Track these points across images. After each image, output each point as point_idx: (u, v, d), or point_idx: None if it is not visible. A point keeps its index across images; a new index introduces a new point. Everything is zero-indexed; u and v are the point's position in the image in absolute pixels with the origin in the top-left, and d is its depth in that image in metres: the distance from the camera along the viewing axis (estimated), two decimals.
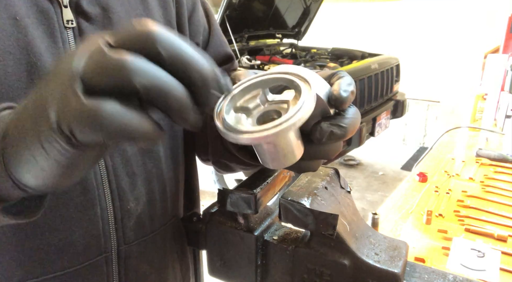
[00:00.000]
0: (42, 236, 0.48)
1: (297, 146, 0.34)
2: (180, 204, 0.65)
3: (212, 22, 0.73)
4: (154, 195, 0.57)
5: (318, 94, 0.34)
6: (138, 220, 0.55)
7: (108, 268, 0.53)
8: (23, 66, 0.46)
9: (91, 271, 0.52)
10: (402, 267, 0.38)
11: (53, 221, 0.48)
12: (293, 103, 0.32)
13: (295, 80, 0.33)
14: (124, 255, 0.54)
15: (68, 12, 0.49)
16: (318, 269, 0.40)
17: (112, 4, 0.53)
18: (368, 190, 3.59)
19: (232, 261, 0.45)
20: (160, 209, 0.58)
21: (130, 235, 0.54)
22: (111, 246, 0.53)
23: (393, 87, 3.55)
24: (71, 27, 0.49)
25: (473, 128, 1.81)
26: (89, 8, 0.51)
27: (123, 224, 0.53)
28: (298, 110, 0.30)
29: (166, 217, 0.59)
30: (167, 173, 0.59)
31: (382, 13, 4.73)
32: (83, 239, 0.50)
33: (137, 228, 0.55)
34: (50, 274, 0.49)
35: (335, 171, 0.45)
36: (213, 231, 0.46)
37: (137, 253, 0.55)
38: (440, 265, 0.83)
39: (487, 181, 1.26)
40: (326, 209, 0.38)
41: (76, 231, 0.49)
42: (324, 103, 0.35)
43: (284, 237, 0.44)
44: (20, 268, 0.48)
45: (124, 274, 0.55)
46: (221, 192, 0.43)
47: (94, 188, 0.50)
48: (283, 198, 0.39)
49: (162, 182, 0.58)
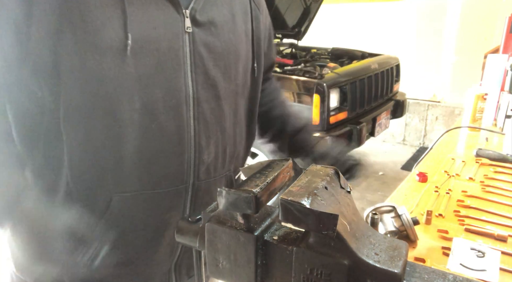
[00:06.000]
0: (157, 164, 0.70)
1: None
2: (235, 164, 0.87)
3: (271, 34, 0.96)
4: (218, 153, 0.78)
5: None
6: (207, 167, 0.76)
7: (185, 195, 0.75)
8: (155, 59, 0.65)
9: (176, 194, 0.74)
10: (402, 267, 0.38)
11: (160, 158, 0.70)
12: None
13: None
14: (196, 188, 0.76)
15: (188, 21, 0.69)
16: (318, 269, 0.40)
17: (215, 16, 0.73)
18: (368, 190, 3.59)
19: (232, 261, 0.45)
20: (221, 164, 0.81)
21: (201, 176, 0.76)
22: (189, 180, 0.75)
23: (393, 87, 3.55)
24: (187, 32, 0.69)
25: (473, 128, 1.81)
26: (201, 18, 0.71)
27: (199, 168, 0.75)
28: None
29: (224, 170, 0.82)
30: (229, 140, 0.81)
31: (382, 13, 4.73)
32: (175, 172, 0.72)
33: (206, 172, 0.77)
34: (152, 190, 0.71)
35: (335, 171, 0.45)
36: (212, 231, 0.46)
37: (203, 188, 0.77)
38: (440, 265, 0.83)
39: (487, 181, 1.26)
40: (326, 209, 0.38)
41: (171, 166, 0.71)
42: None
43: (284, 237, 0.44)
44: (135, 182, 0.69)
45: (194, 201, 0.77)
46: (221, 192, 0.43)
47: (185, 141, 0.71)
48: (283, 198, 0.39)
49: (225, 146, 0.80)
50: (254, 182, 0.44)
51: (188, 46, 0.69)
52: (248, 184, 0.44)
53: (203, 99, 0.72)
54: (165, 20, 0.66)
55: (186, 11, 0.68)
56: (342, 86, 2.84)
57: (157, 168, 0.70)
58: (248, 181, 0.45)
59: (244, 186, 0.43)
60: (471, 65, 4.12)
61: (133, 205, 0.71)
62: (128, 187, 0.69)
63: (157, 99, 0.67)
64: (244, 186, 0.43)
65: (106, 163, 0.67)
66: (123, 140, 0.66)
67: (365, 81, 3.02)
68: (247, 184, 0.44)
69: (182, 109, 0.70)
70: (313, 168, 0.46)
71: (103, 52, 0.61)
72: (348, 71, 2.99)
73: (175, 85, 0.69)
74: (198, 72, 0.71)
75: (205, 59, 0.72)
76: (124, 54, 0.62)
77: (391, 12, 4.68)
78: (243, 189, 0.42)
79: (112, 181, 0.68)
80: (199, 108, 0.72)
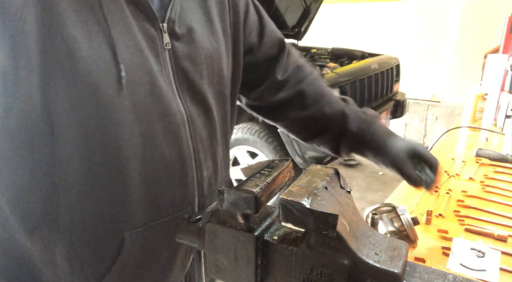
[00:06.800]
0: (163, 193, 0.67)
1: None
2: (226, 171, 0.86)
3: (262, 15, 0.87)
4: (216, 164, 0.77)
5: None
6: (209, 181, 0.75)
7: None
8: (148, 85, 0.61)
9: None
10: (402, 267, 0.38)
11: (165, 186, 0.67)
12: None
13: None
14: (202, 204, 0.74)
15: (166, 36, 0.63)
16: (318, 269, 0.40)
17: (192, 24, 0.68)
18: (368, 190, 3.59)
19: (232, 261, 0.45)
20: (220, 172, 0.80)
21: (205, 192, 0.74)
22: (195, 200, 0.73)
23: (393, 87, 3.55)
24: (167, 49, 0.64)
25: (473, 128, 1.81)
26: (179, 30, 0.65)
27: (202, 185, 0.73)
28: None
29: (222, 177, 0.82)
30: (221, 152, 0.79)
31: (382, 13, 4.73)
32: (180, 196, 0.70)
33: (208, 187, 0.75)
34: (161, 219, 0.68)
35: (335, 171, 0.45)
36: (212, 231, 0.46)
37: (208, 203, 0.73)
38: (440, 265, 0.83)
39: (487, 181, 1.26)
40: (326, 209, 0.38)
41: (177, 192, 0.69)
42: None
43: (284, 237, 0.44)
44: (145, 215, 0.66)
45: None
46: (221, 192, 0.43)
47: (186, 163, 0.69)
48: (283, 198, 0.39)
49: (218, 154, 0.78)
50: (254, 182, 0.44)
51: (169, 63, 0.64)
52: (248, 184, 0.44)
53: (195, 116, 0.69)
54: (147, 39, 0.61)
55: (163, 25, 0.62)
56: (342, 86, 2.84)
57: (164, 196, 0.67)
58: (248, 181, 0.45)
59: (244, 186, 0.43)
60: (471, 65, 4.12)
61: (145, 239, 0.68)
62: (138, 222, 0.66)
63: (156, 129, 0.63)
64: (244, 186, 0.43)
65: (112, 204, 0.63)
66: (128, 178, 0.62)
67: (365, 81, 3.02)
68: (247, 184, 0.44)
69: (181, 132, 0.67)
70: (313, 167, 0.46)
71: (97, 90, 0.56)
72: (348, 71, 2.99)
73: (169, 109, 0.64)
74: (184, 89, 0.67)
75: (190, 73, 0.67)
76: (119, 87, 0.57)
77: (391, 12, 4.68)
78: (243, 189, 0.42)
79: (121, 221, 0.64)
80: (194, 126, 0.69)
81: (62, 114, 0.55)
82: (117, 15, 0.57)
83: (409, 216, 0.89)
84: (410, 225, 0.88)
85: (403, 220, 0.89)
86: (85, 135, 0.58)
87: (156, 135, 0.63)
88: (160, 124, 0.63)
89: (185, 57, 0.66)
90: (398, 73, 3.63)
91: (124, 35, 0.57)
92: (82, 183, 0.60)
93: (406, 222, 0.88)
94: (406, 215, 0.89)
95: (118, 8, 0.57)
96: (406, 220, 0.88)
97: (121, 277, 0.68)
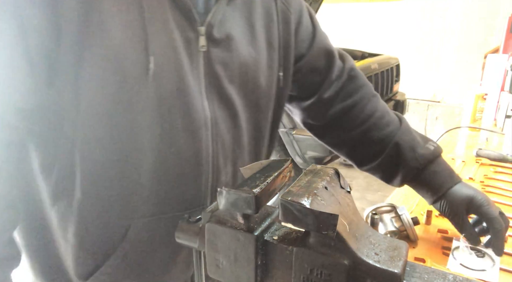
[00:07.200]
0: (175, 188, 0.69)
1: None
2: None
3: (315, 23, 0.88)
4: (236, 172, 0.76)
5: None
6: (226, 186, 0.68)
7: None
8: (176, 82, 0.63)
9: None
10: (402, 267, 0.38)
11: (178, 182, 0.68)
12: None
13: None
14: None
15: (203, 39, 0.65)
16: (318, 269, 0.40)
17: (232, 32, 0.69)
18: (368, 190, 3.59)
19: (232, 261, 0.45)
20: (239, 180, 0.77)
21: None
22: (207, 202, 0.72)
23: (393, 87, 3.55)
24: (201, 51, 0.66)
25: (473, 128, 1.81)
26: (217, 35, 0.67)
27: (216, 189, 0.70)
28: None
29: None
30: (248, 155, 0.78)
31: (382, 13, 4.73)
32: (192, 194, 0.70)
33: None
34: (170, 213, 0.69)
35: (335, 171, 0.45)
36: (212, 231, 0.46)
37: None
38: (440, 265, 0.83)
39: (487, 181, 1.26)
40: (326, 209, 0.38)
41: (189, 190, 0.70)
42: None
43: (284, 237, 0.44)
44: (154, 206, 0.68)
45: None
46: (220, 192, 0.43)
47: (202, 164, 0.69)
48: (283, 198, 0.39)
49: (243, 162, 0.77)
50: (254, 182, 0.44)
51: (202, 65, 0.67)
52: (248, 184, 0.44)
53: (220, 120, 0.70)
54: (183, 39, 0.64)
55: (201, 28, 0.65)
56: None
57: (175, 191, 0.69)
58: (248, 181, 0.45)
59: (244, 186, 0.43)
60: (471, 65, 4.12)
61: (151, 229, 0.69)
62: (147, 212, 0.68)
63: (176, 124, 0.65)
64: (244, 186, 0.43)
65: (123, 189, 0.65)
66: (140, 166, 0.65)
67: None
68: (247, 184, 0.44)
69: (201, 132, 0.68)
70: (313, 167, 0.46)
71: (124, 76, 0.60)
72: None
73: (194, 108, 0.66)
74: (213, 92, 0.69)
75: (221, 78, 0.69)
76: (145, 78, 0.60)
77: (391, 12, 4.68)
78: (243, 189, 0.42)
79: (130, 207, 0.67)
80: (217, 129, 0.70)
81: (90, 95, 0.59)
82: (157, 14, 0.61)
83: (409, 216, 0.89)
84: (410, 225, 0.88)
85: (403, 220, 0.89)
86: (107, 117, 0.61)
87: (175, 130, 0.65)
88: (181, 121, 0.65)
89: (218, 61, 0.68)
90: (398, 73, 3.63)
91: (160, 32, 0.61)
92: (97, 164, 0.63)
93: (406, 222, 0.88)
94: (406, 215, 0.89)
95: (160, 8, 0.61)
96: (406, 220, 0.88)
97: (124, 262, 0.70)
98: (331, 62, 0.89)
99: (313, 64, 0.87)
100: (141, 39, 0.59)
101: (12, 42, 0.56)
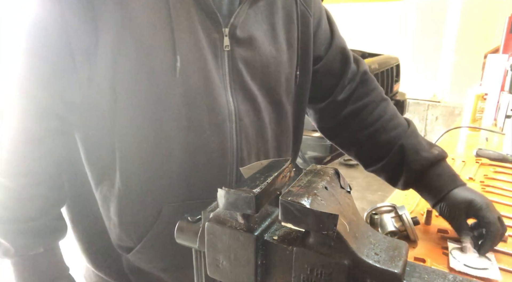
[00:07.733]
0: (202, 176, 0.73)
1: None
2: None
3: (333, 27, 0.92)
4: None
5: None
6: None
7: None
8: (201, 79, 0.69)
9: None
10: (402, 267, 0.38)
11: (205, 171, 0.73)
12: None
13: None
14: None
15: (226, 39, 0.70)
16: (318, 269, 0.40)
17: (255, 32, 0.74)
18: (368, 190, 3.59)
19: (232, 261, 0.45)
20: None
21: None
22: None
23: (393, 87, 3.55)
24: (226, 50, 0.71)
25: (473, 128, 1.81)
26: (240, 35, 0.72)
27: (241, 180, 0.73)
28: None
29: None
30: (273, 150, 0.82)
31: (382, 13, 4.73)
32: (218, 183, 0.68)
33: None
34: (198, 199, 0.73)
35: (335, 171, 0.45)
36: (212, 231, 0.46)
37: None
38: (440, 265, 0.83)
39: (487, 181, 1.26)
40: (326, 209, 0.38)
41: (215, 178, 0.73)
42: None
43: (284, 237, 0.44)
44: (183, 193, 0.73)
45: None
46: (221, 192, 0.43)
47: (227, 155, 0.74)
48: (283, 198, 0.39)
49: (267, 156, 0.81)
50: (254, 182, 0.44)
51: (226, 63, 0.72)
52: (248, 184, 0.44)
53: (244, 114, 0.75)
54: (208, 40, 0.69)
55: (225, 29, 0.70)
56: None
57: (202, 180, 0.73)
58: (248, 181, 0.45)
59: (244, 186, 0.43)
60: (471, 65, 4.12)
61: (181, 214, 0.73)
62: (177, 197, 0.73)
63: (203, 117, 0.70)
64: (244, 186, 0.43)
65: (155, 176, 0.71)
66: (171, 155, 0.70)
67: None
68: (247, 184, 0.44)
69: (226, 125, 0.73)
70: (313, 167, 0.46)
71: (154, 74, 0.65)
72: None
73: (219, 102, 0.71)
74: (237, 88, 0.74)
75: (244, 75, 0.74)
76: (173, 75, 0.66)
77: (391, 12, 4.68)
78: (243, 189, 0.42)
79: (161, 192, 0.73)
80: (241, 123, 0.74)
81: (124, 91, 0.66)
82: (184, 17, 0.66)
83: (409, 216, 0.89)
84: (410, 225, 0.88)
85: (403, 220, 0.89)
86: (140, 111, 0.67)
87: (201, 123, 0.70)
88: (207, 114, 0.70)
89: (242, 59, 0.73)
90: (398, 73, 3.63)
91: (186, 34, 0.67)
92: (134, 152, 0.70)
93: (406, 222, 0.88)
94: (406, 215, 0.89)
95: (187, 12, 0.67)
96: (406, 220, 0.88)
97: (156, 244, 0.76)
98: (346, 66, 0.92)
99: (329, 67, 0.90)
100: (168, 39, 0.65)
101: (58, 43, 0.64)
